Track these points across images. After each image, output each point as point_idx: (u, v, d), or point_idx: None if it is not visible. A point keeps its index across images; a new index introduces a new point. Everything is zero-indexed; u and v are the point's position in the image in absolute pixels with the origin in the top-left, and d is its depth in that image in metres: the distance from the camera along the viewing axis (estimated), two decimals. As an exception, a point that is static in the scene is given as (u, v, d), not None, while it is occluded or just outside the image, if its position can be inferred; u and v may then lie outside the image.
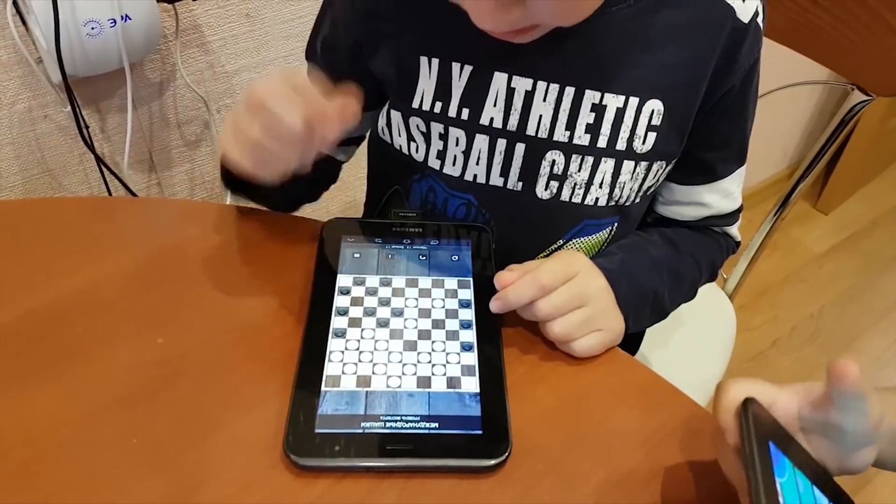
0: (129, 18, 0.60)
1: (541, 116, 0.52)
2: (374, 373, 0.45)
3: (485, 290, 0.50)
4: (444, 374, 0.45)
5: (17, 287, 0.50)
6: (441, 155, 0.55)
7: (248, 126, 0.42)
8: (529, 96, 0.51)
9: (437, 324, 0.48)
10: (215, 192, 0.89)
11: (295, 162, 0.44)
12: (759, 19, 0.51)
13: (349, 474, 0.41)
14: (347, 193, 0.98)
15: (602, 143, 0.52)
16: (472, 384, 0.45)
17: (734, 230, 0.63)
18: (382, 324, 0.48)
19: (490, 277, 0.50)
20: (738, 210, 0.62)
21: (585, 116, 0.52)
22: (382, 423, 0.42)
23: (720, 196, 0.59)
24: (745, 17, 0.50)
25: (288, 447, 0.40)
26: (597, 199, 0.55)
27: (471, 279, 0.52)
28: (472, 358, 0.46)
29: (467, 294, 0.51)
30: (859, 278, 1.66)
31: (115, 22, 0.59)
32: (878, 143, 1.75)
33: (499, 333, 0.48)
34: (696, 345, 0.87)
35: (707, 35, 0.50)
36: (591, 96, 0.51)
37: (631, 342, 0.73)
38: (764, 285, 1.61)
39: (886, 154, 1.92)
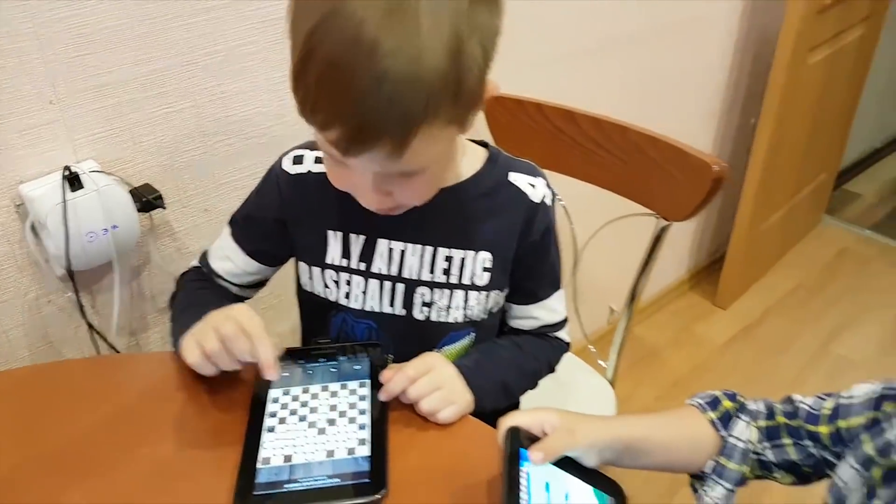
0: (117, 227, 0.85)
1: (412, 265, 0.77)
2: (294, 452, 0.65)
3: (377, 387, 0.71)
4: (345, 447, 0.66)
5: (34, 429, 0.70)
6: (347, 295, 0.79)
7: (218, 353, 0.67)
8: (402, 253, 0.77)
9: (342, 413, 0.70)
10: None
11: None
12: (548, 199, 0.78)
13: (279, 519, 0.60)
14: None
15: (454, 280, 0.77)
16: (364, 451, 0.65)
17: (563, 335, 0.87)
18: (302, 418, 0.69)
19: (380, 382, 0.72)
20: (563, 321, 0.86)
21: (441, 264, 0.77)
22: (300, 483, 0.62)
23: (546, 312, 0.84)
24: (535, 199, 0.77)
25: (237, 501, 0.60)
26: (456, 318, 0.79)
27: (368, 381, 0.73)
28: (365, 434, 0.67)
29: (365, 391, 0.72)
30: (756, 364, 1.90)
31: (107, 230, 0.84)
32: (754, 246, 2.05)
33: (386, 415, 0.69)
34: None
35: (512, 212, 0.77)
36: (443, 251, 0.76)
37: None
38: (674, 377, 1.83)
39: (768, 254, 2.22)
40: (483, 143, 0.80)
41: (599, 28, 1.42)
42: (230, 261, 0.83)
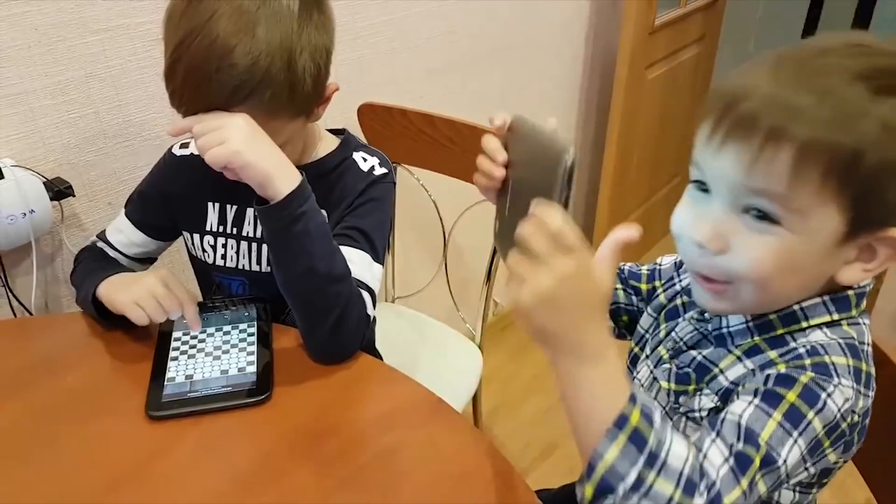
0: (34, 211, 0.98)
1: None
2: (195, 371, 0.82)
3: (263, 326, 0.89)
4: (237, 366, 0.83)
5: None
6: (223, 257, 0.97)
7: (157, 314, 0.83)
8: None
9: (234, 345, 0.87)
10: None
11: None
12: (375, 172, 0.94)
13: (183, 418, 0.77)
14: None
15: None
16: (252, 368, 0.83)
17: (367, 298, 0.87)
18: (200, 350, 0.86)
19: (264, 322, 0.90)
20: (368, 289, 0.88)
21: None
22: (199, 392, 0.79)
23: (353, 263, 0.86)
24: (364, 169, 0.94)
25: (147, 408, 0.77)
26: None
27: (255, 321, 0.91)
28: (253, 358, 0.84)
29: (252, 329, 0.90)
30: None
31: (25, 214, 0.97)
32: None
33: (271, 347, 0.87)
34: (448, 377, 1.28)
35: (348, 178, 0.94)
36: None
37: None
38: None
39: (631, 251, 2.52)
40: (341, 131, 0.99)
41: (463, 45, 1.66)
42: (121, 233, 0.98)
